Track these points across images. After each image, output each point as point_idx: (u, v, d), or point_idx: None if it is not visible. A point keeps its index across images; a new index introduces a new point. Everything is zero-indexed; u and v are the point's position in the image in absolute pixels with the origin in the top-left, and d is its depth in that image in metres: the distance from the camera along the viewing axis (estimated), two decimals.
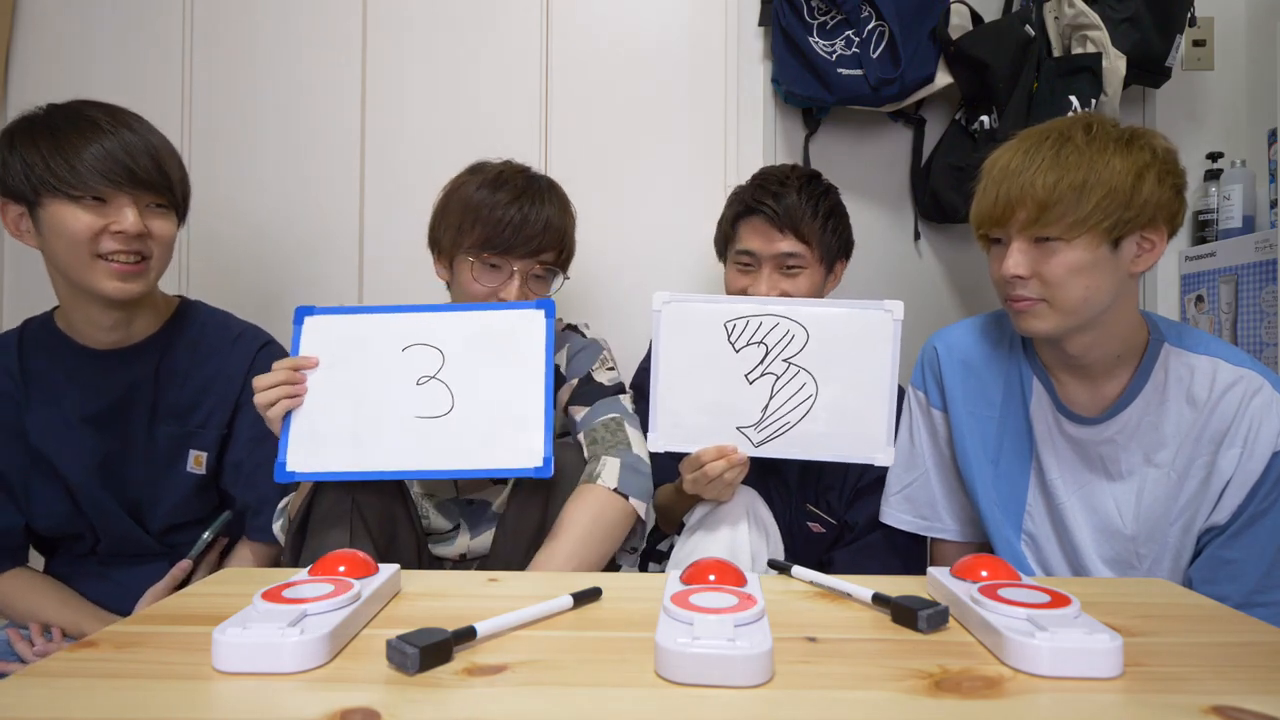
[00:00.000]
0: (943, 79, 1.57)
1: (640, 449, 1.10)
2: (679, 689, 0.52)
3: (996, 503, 1.07)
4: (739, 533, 1.07)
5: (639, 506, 1.05)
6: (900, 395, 1.11)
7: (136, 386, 1.13)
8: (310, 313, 1.01)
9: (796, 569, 0.79)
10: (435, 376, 1.00)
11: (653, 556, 1.29)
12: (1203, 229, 1.68)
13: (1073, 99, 1.47)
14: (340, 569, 0.68)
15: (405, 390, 0.99)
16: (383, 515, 1.01)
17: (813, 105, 1.65)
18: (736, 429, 1.05)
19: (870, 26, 1.53)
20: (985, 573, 0.67)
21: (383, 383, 0.99)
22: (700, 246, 1.37)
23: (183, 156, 1.12)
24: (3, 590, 1.14)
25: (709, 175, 1.63)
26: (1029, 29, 1.51)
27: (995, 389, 1.08)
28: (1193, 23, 1.53)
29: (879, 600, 0.68)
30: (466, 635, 0.58)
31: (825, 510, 1.25)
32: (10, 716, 0.48)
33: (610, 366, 1.21)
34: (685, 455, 1.07)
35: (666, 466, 1.12)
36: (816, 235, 1.19)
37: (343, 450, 0.96)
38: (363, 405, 0.98)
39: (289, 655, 0.54)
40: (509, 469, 0.99)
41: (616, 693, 0.52)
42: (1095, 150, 0.90)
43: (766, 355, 1.05)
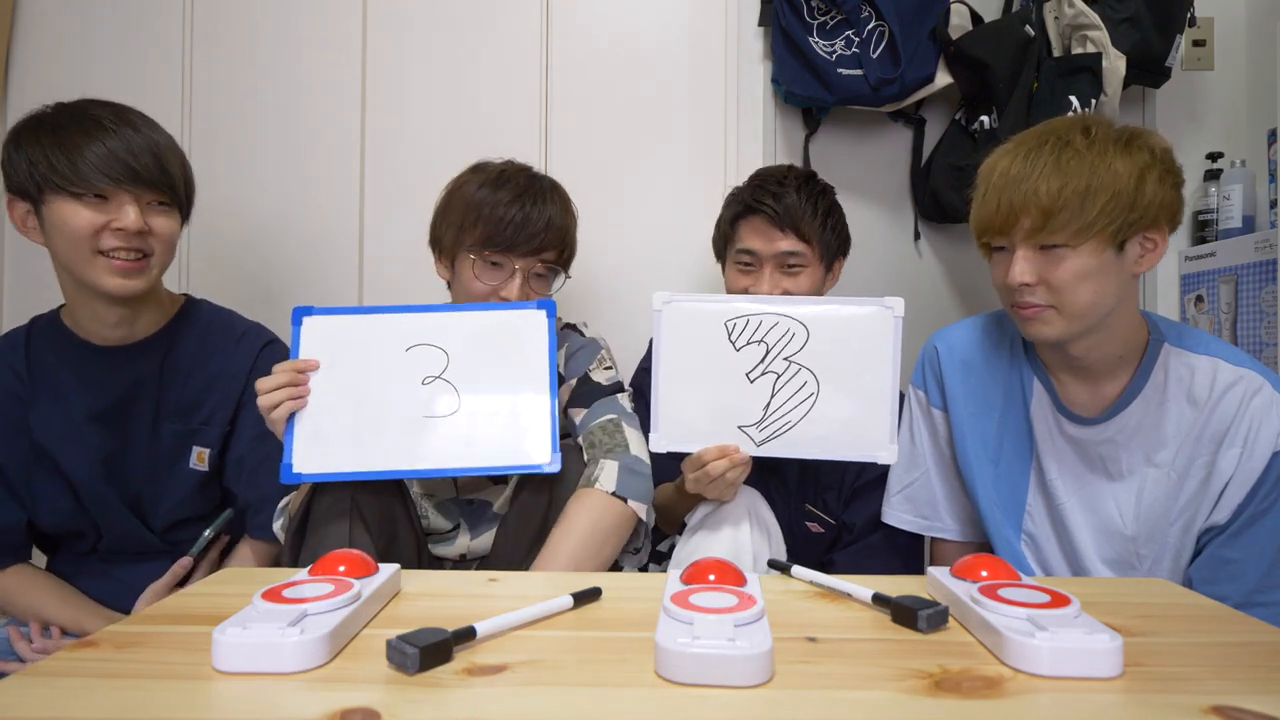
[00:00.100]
0: (943, 79, 1.57)
1: (639, 449, 1.09)
2: (679, 689, 0.52)
3: (996, 503, 1.07)
4: (741, 533, 1.07)
5: (638, 508, 1.04)
6: (900, 399, 1.11)
7: (141, 383, 1.14)
8: (309, 313, 1.01)
9: (796, 569, 0.79)
10: (440, 376, 1.00)
11: (653, 557, 1.29)
12: (1203, 229, 1.68)
13: (1073, 99, 1.46)
14: (340, 569, 0.68)
15: (411, 390, 1.00)
16: (382, 515, 1.01)
17: (813, 105, 1.65)
18: (738, 428, 1.05)
19: (870, 26, 1.53)
20: (985, 573, 0.68)
21: (388, 383, 0.99)
22: (700, 246, 1.37)
23: None
24: (4, 587, 1.14)
25: (709, 175, 1.63)
26: (1029, 29, 1.51)
27: (996, 389, 1.08)
28: (1193, 23, 1.53)
29: (879, 600, 0.68)
30: (466, 635, 0.58)
31: (824, 510, 1.25)
32: (10, 716, 0.48)
33: (608, 365, 1.20)
34: (686, 455, 1.07)
35: (667, 466, 1.12)
36: (816, 234, 1.20)
37: (349, 450, 0.97)
38: (368, 405, 0.98)
39: (289, 655, 0.54)
40: (517, 466, 1.01)
41: (616, 693, 0.52)
42: (1096, 154, 0.90)
43: (767, 354, 1.05)
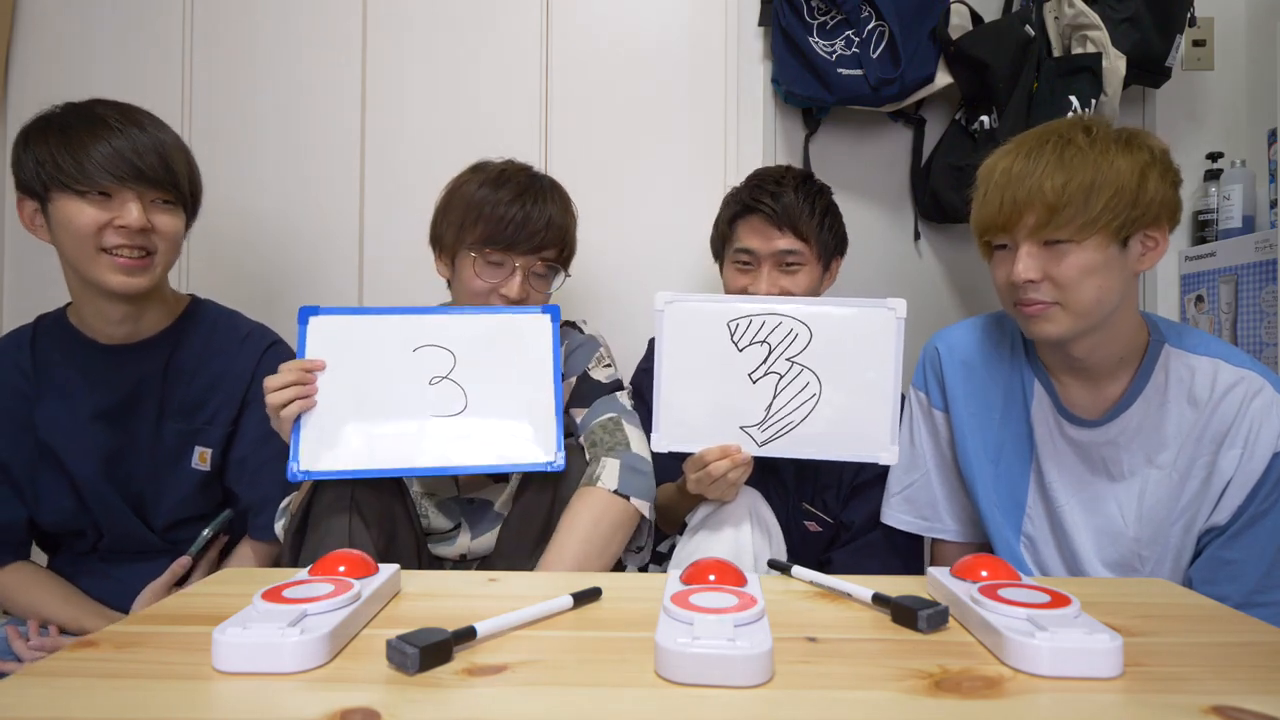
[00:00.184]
0: (943, 79, 1.57)
1: (640, 447, 1.10)
2: (679, 689, 0.52)
3: (996, 504, 1.07)
4: (742, 533, 1.07)
5: (641, 506, 1.05)
6: (900, 400, 1.11)
7: (145, 382, 1.14)
8: (315, 312, 1.02)
9: (796, 569, 0.79)
10: (448, 377, 1.02)
11: (653, 557, 1.28)
12: (1203, 229, 1.67)
13: (1073, 99, 1.46)
14: (340, 569, 0.68)
15: (418, 390, 1.01)
16: (382, 514, 1.01)
17: (813, 105, 1.65)
18: (740, 428, 1.05)
19: (870, 26, 1.53)
20: (985, 573, 0.68)
21: (395, 382, 1.01)
22: (700, 246, 1.37)
23: None
24: (5, 584, 1.14)
25: (709, 175, 1.63)
26: (1029, 29, 1.51)
27: (996, 390, 1.08)
28: (1193, 23, 1.52)
29: (879, 600, 0.68)
30: (466, 635, 0.58)
31: (822, 509, 1.25)
32: (10, 716, 0.48)
33: (607, 363, 1.21)
34: (688, 455, 1.07)
35: (668, 466, 1.12)
36: (814, 232, 1.21)
37: (356, 448, 0.98)
38: (375, 404, 1.00)
39: (289, 655, 0.54)
40: (522, 465, 1.03)
41: (616, 693, 0.52)
42: (1098, 151, 0.91)
43: (770, 354, 1.05)
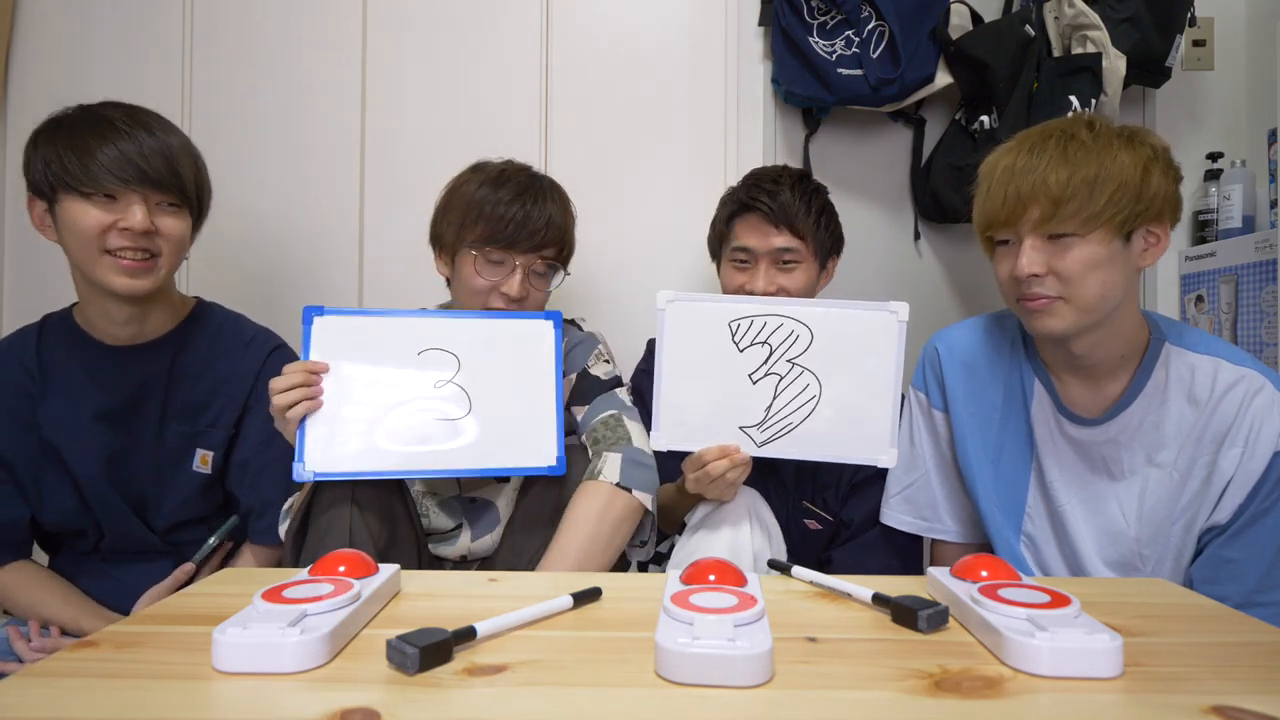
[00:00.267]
0: (943, 79, 1.57)
1: (641, 441, 1.10)
2: (679, 689, 0.52)
3: (996, 504, 1.07)
4: (741, 532, 1.07)
5: (644, 498, 1.05)
6: (900, 400, 1.12)
7: (149, 383, 1.14)
8: (319, 313, 1.02)
9: (796, 569, 0.79)
10: (452, 380, 1.03)
11: (653, 557, 1.28)
12: (1203, 229, 1.67)
13: (1073, 99, 1.46)
14: (340, 569, 0.68)
15: (423, 392, 1.02)
16: (383, 513, 1.01)
17: (813, 105, 1.65)
18: (739, 429, 1.05)
19: (870, 26, 1.53)
20: (985, 573, 0.68)
21: (400, 384, 1.02)
22: (701, 246, 1.37)
23: None
24: (5, 583, 1.14)
25: (709, 175, 1.63)
26: (1029, 29, 1.51)
27: (996, 390, 1.08)
28: (1193, 23, 1.52)
29: (879, 600, 0.68)
30: (466, 635, 0.58)
31: (822, 507, 1.25)
32: (10, 716, 0.48)
33: (606, 359, 1.22)
34: (687, 454, 1.07)
35: (668, 466, 1.12)
36: (810, 230, 1.21)
37: (361, 449, 0.99)
38: (380, 406, 1.01)
39: (289, 655, 0.54)
40: (524, 468, 1.05)
41: (616, 693, 0.52)
42: (1102, 146, 0.91)
43: (770, 355, 1.05)
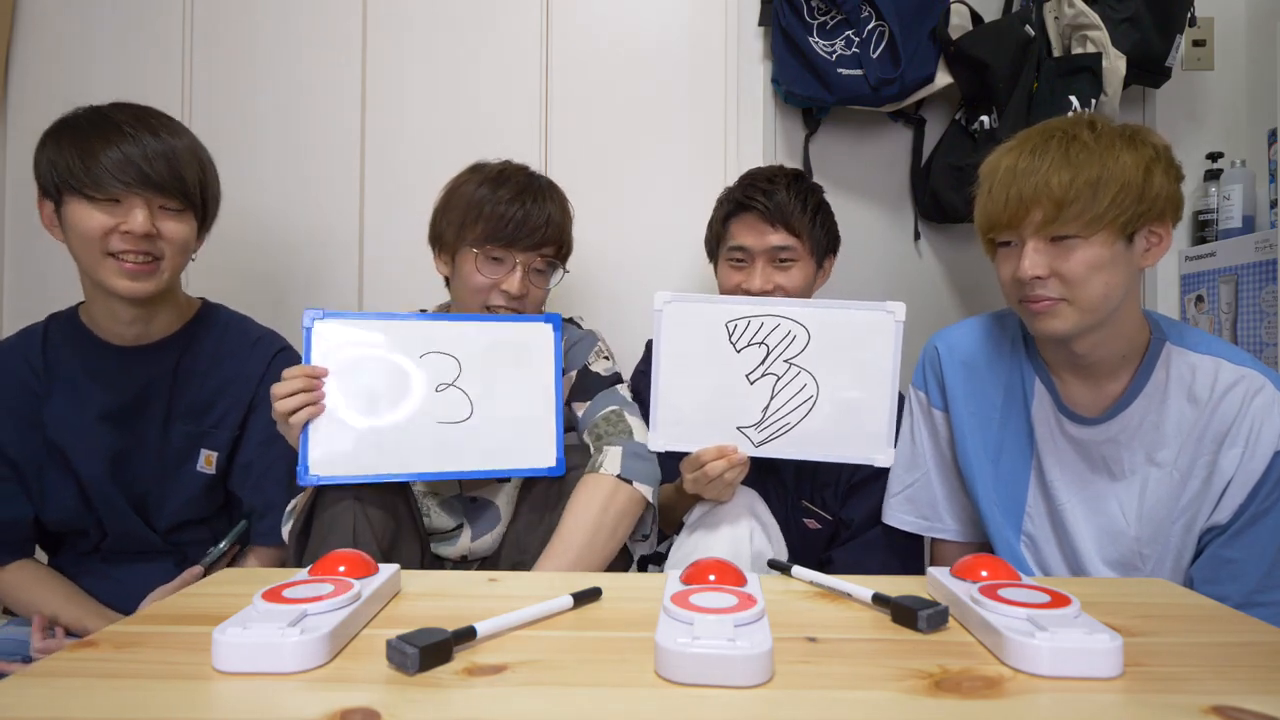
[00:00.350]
0: (943, 79, 1.57)
1: (642, 436, 1.11)
2: (679, 689, 0.52)
3: (996, 503, 1.07)
4: (740, 532, 1.07)
5: (645, 490, 1.06)
6: (899, 401, 1.11)
7: (154, 384, 1.14)
8: (320, 317, 1.02)
9: (796, 569, 0.79)
10: (454, 384, 1.05)
11: (652, 558, 1.29)
12: (1203, 229, 1.67)
13: (1073, 99, 1.46)
14: (340, 569, 0.68)
15: (425, 396, 1.04)
16: (386, 514, 1.01)
17: (813, 105, 1.65)
18: (737, 429, 1.05)
19: (870, 26, 1.53)
20: (985, 573, 0.68)
21: (403, 388, 1.03)
22: (700, 246, 1.37)
23: None
24: (8, 582, 1.13)
25: (709, 175, 1.63)
26: (1029, 29, 1.51)
27: (997, 389, 1.08)
28: (1193, 23, 1.52)
29: (879, 600, 0.68)
30: (466, 635, 0.58)
31: (821, 507, 1.25)
32: (10, 716, 0.48)
33: (606, 356, 1.23)
34: (686, 455, 1.07)
35: (667, 466, 1.12)
36: (806, 229, 1.22)
37: (364, 453, 1.00)
38: (383, 409, 1.02)
39: (289, 655, 0.54)
40: (525, 469, 1.07)
41: (616, 693, 0.52)
42: (1104, 146, 0.91)
43: (768, 356, 1.05)
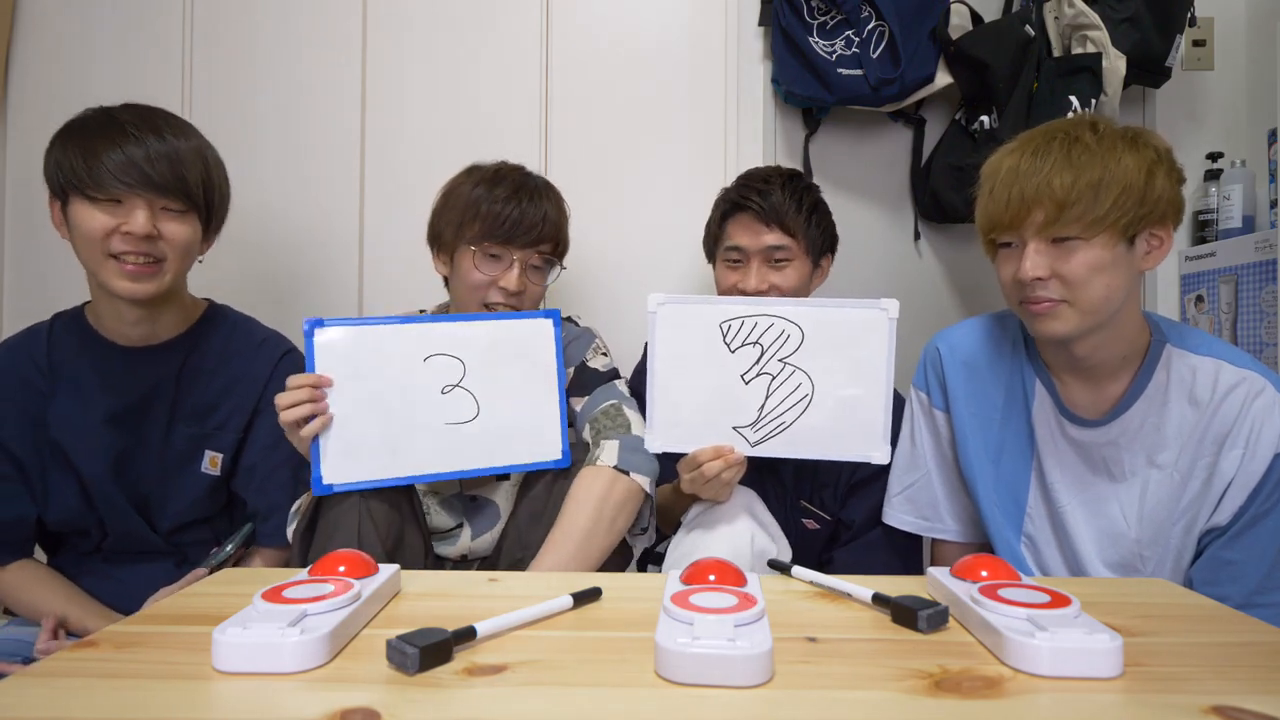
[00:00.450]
0: (943, 79, 1.57)
1: (640, 429, 1.12)
2: (679, 689, 0.52)
3: (997, 504, 1.07)
4: (737, 532, 1.07)
5: (642, 481, 1.06)
6: (898, 401, 1.11)
7: (159, 385, 1.14)
8: (320, 325, 1.02)
9: (796, 569, 0.79)
10: (459, 385, 1.05)
11: (652, 558, 1.29)
12: (1203, 229, 1.67)
13: (1073, 99, 1.46)
14: (340, 569, 0.68)
15: (432, 398, 1.04)
16: (390, 514, 1.01)
17: (813, 105, 1.65)
18: (733, 429, 1.05)
19: (870, 26, 1.53)
20: (985, 573, 0.68)
21: (409, 392, 1.03)
22: (700, 246, 1.37)
23: None
24: (9, 582, 1.13)
25: (709, 175, 1.63)
26: (1029, 29, 1.51)
27: (997, 390, 1.08)
28: (1193, 23, 1.52)
29: (879, 600, 0.68)
30: (466, 635, 0.58)
31: (820, 507, 1.25)
32: (10, 716, 0.48)
33: (604, 352, 1.24)
34: (682, 455, 1.07)
35: (664, 467, 1.12)
36: (801, 228, 1.22)
37: (377, 459, 1.01)
38: (392, 414, 1.02)
39: (289, 655, 0.54)
40: (533, 463, 1.08)
41: (616, 693, 0.52)
42: (1106, 148, 0.91)
43: (762, 355, 1.05)
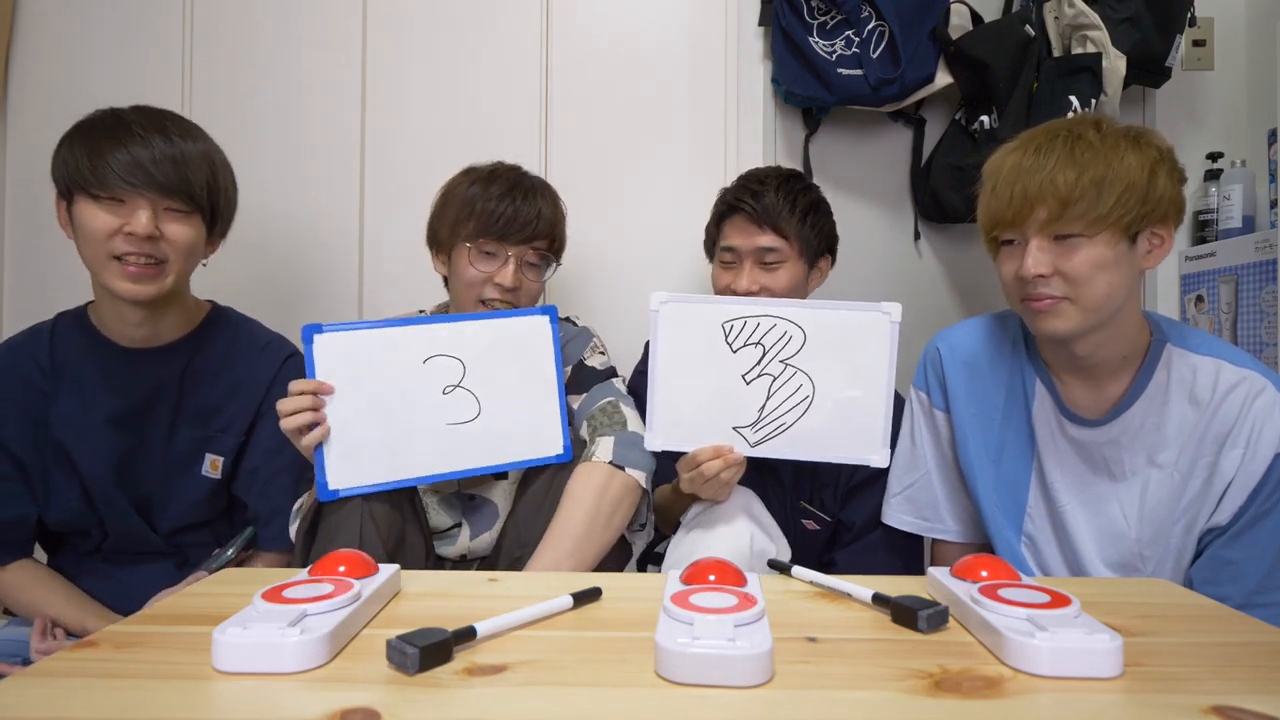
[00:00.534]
0: (943, 79, 1.57)
1: (637, 426, 1.12)
2: (679, 689, 0.52)
3: (997, 504, 1.07)
4: (737, 532, 1.07)
5: (638, 476, 1.06)
6: (898, 402, 1.11)
7: (162, 387, 1.14)
8: (318, 330, 1.02)
9: (796, 569, 0.79)
10: (460, 385, 1.05)
11: (651, 558, 1.29)
12: (1203, 229, 1.67)
13: (1073, 99, 1.46)
14: (340, 569, 0.68)
15: (433, 399, 1.04)
16: (392, 514, 1.01)
17: (813, 105, 1.65)
18: (733, 429, 1.05)
19: (870, 26, 1.53)
20: (985, 573, 0.68)
21: (410, 394, 1.03)
22: (699, 246, 1.37)
23: None
24: (9, 582, 1.13)
25: (709, 175, 1.63)
26: (1029, 29, 1.51)
27: (998, 390, 1.08)
28: (1193, 23, 1.52)
29: (879, 600, 0.68)
30: (466, 635, 0.58)
31: (820, 508, 1.25)
32: (10, 716, 0.48)
33: (601, 351, 1.24)
34: (682, 455, 1.07)
35: (664, 467, 1.12)
36: (795, 230, 1.22)
37: (381, 462, 1.01)
38: (394, 417, 1.02)
39: (289, 655, 0.54)
40: (535, 459, 1.08)
41: (616, 693, 0.52)
42: (1109, 147, 0.91)
43: (764, 356, 1.05)
